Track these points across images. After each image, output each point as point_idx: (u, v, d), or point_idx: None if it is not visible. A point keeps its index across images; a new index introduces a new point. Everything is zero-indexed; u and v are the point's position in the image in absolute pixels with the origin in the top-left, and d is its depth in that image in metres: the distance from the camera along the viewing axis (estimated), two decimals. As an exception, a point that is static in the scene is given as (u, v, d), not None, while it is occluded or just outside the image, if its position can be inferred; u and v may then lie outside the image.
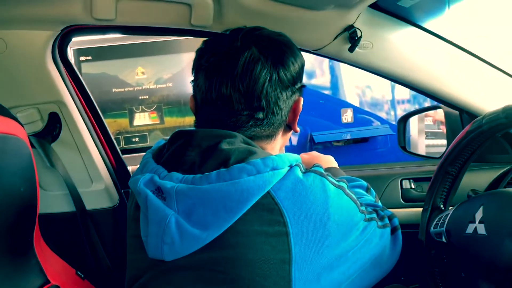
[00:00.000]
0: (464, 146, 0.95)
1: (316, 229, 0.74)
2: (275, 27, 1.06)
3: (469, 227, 0.84)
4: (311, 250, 0.74)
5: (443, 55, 1.20)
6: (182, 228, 0.73)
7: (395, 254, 0.92)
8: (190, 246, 0.73)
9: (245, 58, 0.80)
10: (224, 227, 0.71)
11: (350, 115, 3.25)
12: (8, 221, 0.79)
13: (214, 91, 0.81)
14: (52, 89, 1.14)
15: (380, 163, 1.59)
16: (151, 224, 0.76)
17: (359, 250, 0.81)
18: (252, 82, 0.80)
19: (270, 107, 0.82)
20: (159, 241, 0.74)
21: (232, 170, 0.73)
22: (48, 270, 0.93)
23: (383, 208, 0.98)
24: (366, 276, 0.85)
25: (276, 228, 0.72)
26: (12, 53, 1.07)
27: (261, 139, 0.86)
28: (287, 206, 0.73)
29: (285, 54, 0.84)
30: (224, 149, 0.75)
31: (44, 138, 1.21)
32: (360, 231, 0.82)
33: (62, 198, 1.29)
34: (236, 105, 0.81)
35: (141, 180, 0.79)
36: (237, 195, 0.71)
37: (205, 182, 0.73)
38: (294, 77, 0.85)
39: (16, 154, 0.82)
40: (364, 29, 1.09)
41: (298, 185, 0.74)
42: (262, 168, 0.73)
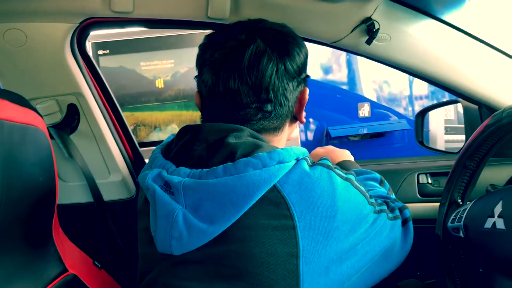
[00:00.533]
0: (483, 140, 0.94)
1: (324, 222, 0.74)
2: (292, 20, 1.06)
3: (487, 222, 0.83)
4: (319, 244, 0.73)
5: (462, 48, 1.18)
6: (190, 222, 0.73)
7: (406, 246, 0.91)
8: (198, 240, 0.73)
9: (251, 51, 0.80)
10: (230, 221, 0.72)
11: (367, 110, 3.23)
12: (28, 210, 0.81)
13: (222, 85, 0.81)
14: (70, 81, 1.16)
15: (397, 158, 1.57)
16: (159, 218, 0.76)
17: (368, 243, 0.81)
18: (259, 74, 0.80)
19: (278, 99, 0.82)
20: (167, 236, 0.75)
21: (238, 164, 0.73)
22: (66, 259, 0.94)
23: (394, 199, 0.97)
24: (376, 269, 0.84)
25: (283, 222, 0.72)
26: (32, 45, 1.08)
27: (269, 132, 0.86)
28: (294, 199, 0.73)
29: (290, 44, 0.84)
30: (230, 143, 0.76)
31: (63, 130, 1.23)
32: (370, 223, 0.81)
33: (80, 189, 1.31)
34: (245, 98, 0.81)
35: (149, 176, 0.80)
36: (243, 189, 0.71)
37: (212, 177, 0.73)
38: (299, 68, 0.85)
39: (35, 145, 0.84)
40: (382, 21, 1.08)
41: (305, 178, 0.74)
42: (268, 161, 0.73)
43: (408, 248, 0.92)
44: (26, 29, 1.06)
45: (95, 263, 1.06)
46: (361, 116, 3.21)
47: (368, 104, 3.22)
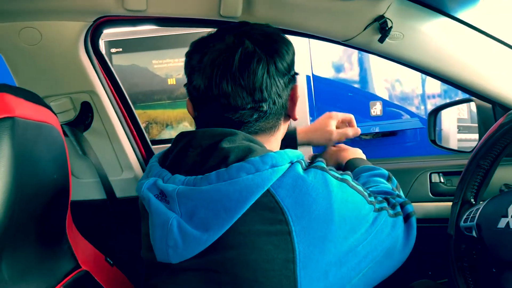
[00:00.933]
0: (497, 139, 0.93)
1: (320, 226, 0.73)
2: (304, 18, 1.06)
3: (501, 222, 0.83)
4: (316, 248, 0.72)
5: (476, 46, 1.17)
6: (184, 230, 0.73)
7: (409, 243, 0.89)
8: (193, 248, 0.73)
9: (240, 53, 0.80)
10: (224, 228, 0.71)
11: (379, 108, 3.20)
12: (42, 206, 0.82)
13: (215, 88, 0.80)
14: (84, 79, 1.17)
15: (409, 157, 1.56)
16: (156, 228, 0.76)
17: (369, 243, 0.79)
18: (251, 75, 0.80)
19: (271, 97, 0.82)
20: (163, 245, 0.75)
21: (230, 170, 0.72)
22: (79, 256, 0.95)
23: (396, 195, 0.96)
24: (379, 268, 0.83)
25: (277, 227, 0.71)
26: (47, 43, 1.09)
27: (265, 132, 0.86)
28: (288, 204, 0.72)
29: (278, 43, 0.84)
30: (224, 148, 0.75)
31: (77, 127, 1.24)
32: (370, 223, 0.80)
33: (93, 186, 1.32)
34: (239, 100, 0.80)
35: (145, 185, 0.80)
36: (236, 194, 0.70)
37: (205, 183, 0.73)
38: (289, 65, 0.86)
39: (50, 142, 0.85)
40: (394, 19, 1.07)
41: (299, 182, 0.73)
42: (261, 166, 0.72)
43: (411, 245, 0.90)
44: (40, 27, 1.08)
45: (108, 260, 1.07)
46: (373, 115, 3.19)
47: (380, 103, 3.20)
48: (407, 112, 3.31)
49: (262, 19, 1.08)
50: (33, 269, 0.78)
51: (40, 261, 0.81)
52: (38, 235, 0.82)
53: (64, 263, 0.89)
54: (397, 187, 1.04)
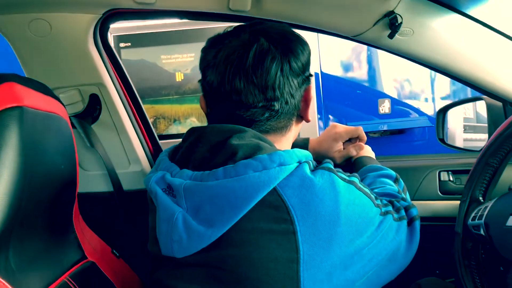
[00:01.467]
0: (507, 137, 0.92)
1: (326, 227, 0.72)
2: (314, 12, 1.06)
3: (509, 220, 0.82)
4: (321, 249, 0.71)
5: (487, 43, 1.15)
6: (189, 225, 0.73)
7: (412, 247, 0.88)
8: (197, 243, 0.72)
9: (255, 50, 0.79)
10: (229, 225, 0.70)
11: (388, 106, 3.19)
12: (50, 196, 0.82)
13: (228, 84, 0.80)
14: (93, 71, 1.17)
15: (418, 154, 1.55)
16: (161, 221, 0.76)
17: (375, 246, 0.78)
18: (264, 73, 0.79)
19: (283, 97, 0.81)
20: (168, 239, 0.75)
21: (238, 166, 0.72)
22: (86, 247, 0.96)
23: (401, 198, 0.94)
24: (382, 272, 0.82)
25: (282, 226, 0.70)
26: (56, 35, 1.10)
27: (276, 132, 0.85)
28: (294, 203, 0.71)
29: (293, 42, 0.83)
30: (233, 144, 0.75)
31: (85, 119, 1.25)
32: (376, 226, 0.79)
33: (101, 178, 1.33)
34: (251, 97, 0.80)
35: (153, 178, 0.80)
36: (242, 191, 0.70)
37: (212, 179, 0.73)
38: (303, 65, 0.85)
39: (58, 132, 0.85)
40: (405, 15, 1.06)
41: (306, 182, 0.72)
42: (269, 163, 0.71)
43: (414, 249, 0.89)
44: (50, 19, 1.08)
45: (114, 252, 1.07)
46: (382, 113, 3.17)
47: (388, 101, 3.19)
48: (415, 111, 3.30)
49: (271, 13, 1.08)
50: (40, 258, 0.79)
51: (46, 251, 0.82)
52: (45, 225, 0.82)
53: (71, 253, 0.90)
54: (403, 190, 1.02)
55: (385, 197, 0.92)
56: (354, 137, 1.24)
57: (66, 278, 0.81)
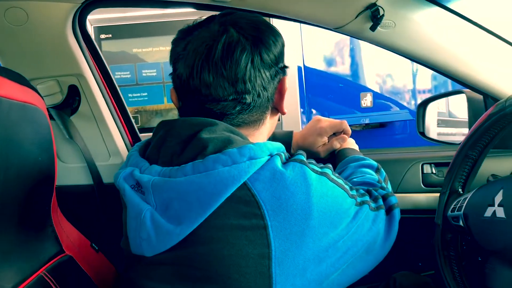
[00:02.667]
0: (486, 129, 0.93)
1: (298, 221, 0.70)
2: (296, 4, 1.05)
3: (487, 211, 0.83)
4: (293, 244, 0.70)
5: (468, 37, 1.16)
6: (157, 223, 0.71)
7: (390, 238, 0.87)
8: (166, 241, 0.71)
9: (224, 41, 0.77)
10: (198, 222, 0.69)
11: (370, 100, 3.21)
12: (26, 189, 0.81)
13: (196, 77, 0.78)
14: (72, 62, 1.15)
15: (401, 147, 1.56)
16: (130, 219, 0.75)
17: (350, 238, 0.77)
18: (234, 65, 0.77)
19: (255, 90, 0.79)
20: (137, 237, 0.73)
21: (206, 161, 0.70)
22: (64, 240, 0.94)
23: (379, 187, 0.93)
24: (359, 264, 0.81)
25: (253, 221, 0.69)
26: (33, 24, 1.07)
27: (248, 125, 0.83)
28: (265, 197, 0.69)
29: (265, 33, 0.81)
30: (202, 138, 0.72)
31: (63, 111, 1.23)
32: (351, 217, 0.78)
33: (80, 171, 1.31)
34: (221, 91, 0.77)
35: (121, 175, 0.78)
36: (211, 187, 0.68)
37: (180, 174, 0.71)
38: (276, 57, 0.82)
39: (34, 123, 0.83)
40: (386, 8, 1.06)
41: (277, 175, 0.70)
42: (238, 158, 0.69)
43: (392, 239, 0.88)
44: (27, 7, 1.05)
45: (93, 246, 1.06)
46: (363, 106, 3.19)
47: (370, 94, 3.21)
48: (397, 104, 3.32)
49: (253, 4, 1.07)
50: (16, 251, 0.77)
51: (23, 244, 0.80)
52: (21, 218, 0.81)
53: (48, 247, 0.88)
54: (385, 179, 1.02)
55: (363, 185, 0.92)
56: (339, 131, 1.23)
57: (43, 272, 0.80)
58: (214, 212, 0.68)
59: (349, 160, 1.08)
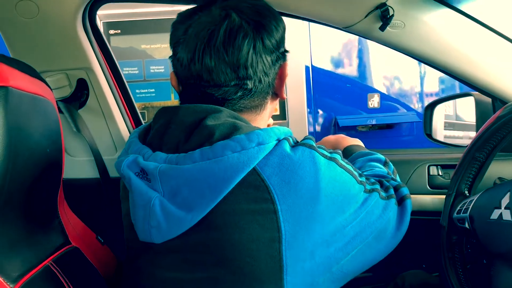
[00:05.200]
0: (494, 131, 0.93)
1: (307, 204, 0.71)
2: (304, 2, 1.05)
3: (494, 213, 0.82)
4: (302, 227, 0.71)
5: (478, 39, 1.16)
6: (167, 210, 0.71)
7: (402, 228, 0.87)
8: (177, 228, 0.71)
9: (226, 26, 0.77)
10: (209, 208, 0.69)
11: (377, 101, 3.21)
12: (34, 179, 0.81)
13: (198, 62, 0.77)
14: (81, 55, 1.16)
15: (408, 149, 1.56)
16: (137, 207, 0.74)
17: (359, 224, 0.77)
18: (236, 51, 0.76)
19: (257, 75, 0.79)
20: (146, 225, 0.73)
21: (215, 148, 0.70)
22: (70, 232, 0.95)
23: (391, 178, 0.93)
24: (368, 251, 0.80)
25: (263, 206, 0.69)
26: (44, 17, 1.08)
27: (250, 111, 0.83)
28: (274, 182, 0.70)
29: (267, 18, 0.80)
30: (208, 125, 0.72)
31: (72, 104, 1.23)
32: (360, 203, 0.78)
33: (87, 164, 1.31)
34: (222, 76, 0.77)
35: (125, 162, 0.77)
36: (221, 173, 0.68)
37: (188, 161, 0.70)
38: (278, 42, 0.82)
39: (44, 115, 0.84)
40: (396, 8, 1.06)
41: (286, 160, 0.71)
42: (247, 143, 0.69)
43: (404, 229, 0.87)
44: (38, 0, 1.06)
45: (98, 238, 1.06)
46: (371, 107, 3.18)
47: (378, 95, 3.20)
48: (404, 106, 3.31)
49: (263, 1, 1.07)
50: (22, 241, 0.78)
51: (29, 235, 0.81)
52: (28, 208, 0.81)
53: (54, 238, 0.89)
54: (393, 172, 1.02)
55: (375, 177, 0.91)
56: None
57: (49, 263, 0.80)
58: (225, 198, 0.69)
59: (357, 155, 1.07)
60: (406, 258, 0.91)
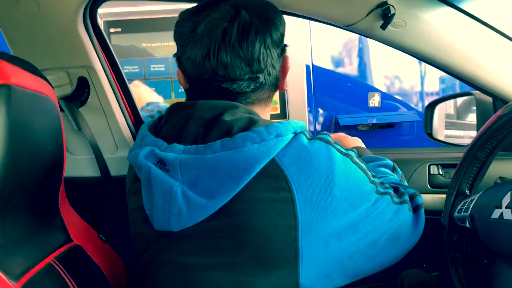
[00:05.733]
0: (495, 131, 0.93)
1: (322, 195, 0.74)
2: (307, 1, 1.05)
3: (494, 212, 0.82)
4: (318, 217, 0.74)
5: (479, 38, 1.16)
6: (189, 198, 0.74)
7: (416, 233, 0.91)
8: (198, 215, 0.74)
9: (238, 23, 0.80)
10: (231, 195, 0.72)
11: (377, 100, 3.20)
12: (35, 177, 0.81)
13: (213, 59, 0.80)
14: (82, 53, 1.16)
15: (408, 148, 1.56)
16: (156, 196, 0.76)
17: (371, 223, 0.80)
18: (250, 46, 0.80)
19: (267, 68, 0.83)
20: (166, 213, 0.75)
21: (236, 139, 0.73)
22: (71, 230, 0.95)
23: (406, 186, 0.96)
24: (382, 253, 0.84)
25: (281, 194, 0.73)
26: (45, 15, 1.08)
27: (260, 103, 0.87)
28: (292, 172, 0.73)
29: (273, 14, 0.84)
30: (226, 120, 0.76)
31: (72, 102, 1.23)
32: (371, 202, 0.81)
33: (88, 163, 1.31)
34: (238, 71, 0.80)
35: (142, 154, 0.80)
36: (243, 163, 0.72)
37: (209, 152, 0.74)
38: (282, 36, 0.86)
39: (45, 113, 0.84)
40: (398, 7, 1.06)
41: (303, 152, 0.75)
42: (266, 135, 0.73)
43: (418, 235, 0.91)
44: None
45: (100, 236, 1.07)
46: (371, 106, 3.18)
47: (378, 94, 3.19)
48: (405, 105, 3.31)
49: (265, 0, 1.07)
50: (24, 239, 0.78)
51: (31, 232, 0.81)
52: (29, 206, 0.81)
53: (56, 236, 0.89)
54: (402, 178, 1.05)
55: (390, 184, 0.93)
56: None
57: (52, 260, 0.80)
58: (246, 186, 0.72)
59: (365, 159, 1.08)
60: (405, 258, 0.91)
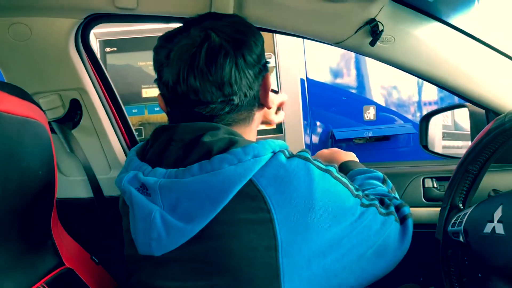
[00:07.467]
0: (486, 144, 0.93)
1: (302, 214, 0.74)
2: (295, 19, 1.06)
3: (487, 227, 0.82)
4: (298, 236, 0.73)
5: (469, 52, 1.16)
6: (167, 222, 0.73)
7: (404, 245, 0.89)
8: (177, 239, 0.73)
9: (207, 47, 0.79)
10: (209, 218, 0.72)
11: (373, 113, 3.21)
12: (26, 202, 0.81)
13: (183, 84, 0.80)
14: (74, 76, 1.16)
15: (403, 161, 1.56)
16: (138, 220, 0.76)
17: (355, 237, 0.79)
18: (219, 70, 0.79)
19: (241, 90, 0.82)
20: (146, 237, 0.75)
21: (213, 161, 0.73)
22: (64, 253, 0.94)
23: (393, 197, 0.95)
24: (368, 266, 0.82)
25: (259, 215, 0.72)
26: (36, 40, 1.09)
27: (239, 123, 0.85)
28: (270, 192, 0.73)
29: (246, 34, 0.83)
30: (206, 142, 0.75)
31: (65, 124, 1.23)
32: (356, 216, 0.80)
33: (81, 184, 1.31)
34: (209, 95, 0.80)
35: (125, 178, 0.80)
36: (219, 184, 0.71)
37: (188, 175, 0.73)
38: (258, 56, 0.84)
39: (35, 138, 0.84)
40: (386, 23, 1.07)
41: (281, 171, 0.74)
42: (243, 156, 0.73)
43: (406, 247, 0.90)
44: (31, 23, 1.07)
45: (93, 258, 1.06)
46: (367, 119, 3.19)
47: (373, 107, 3.20)
48: (400, 118, 3.32)
49: (254, 19, 1.07)
50: (15, 264, 0.77)
51: (22, 257, 0.80)
52: (20, 231, 0.81)
53: (47, 259, 0.88)
54: (392, 189, 1.04)
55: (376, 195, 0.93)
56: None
57: (42, 285, 0.80)
58: (223, 208, 0.72)
59: (355, 172, 1.08)
60: (401, 272, 0.91)
